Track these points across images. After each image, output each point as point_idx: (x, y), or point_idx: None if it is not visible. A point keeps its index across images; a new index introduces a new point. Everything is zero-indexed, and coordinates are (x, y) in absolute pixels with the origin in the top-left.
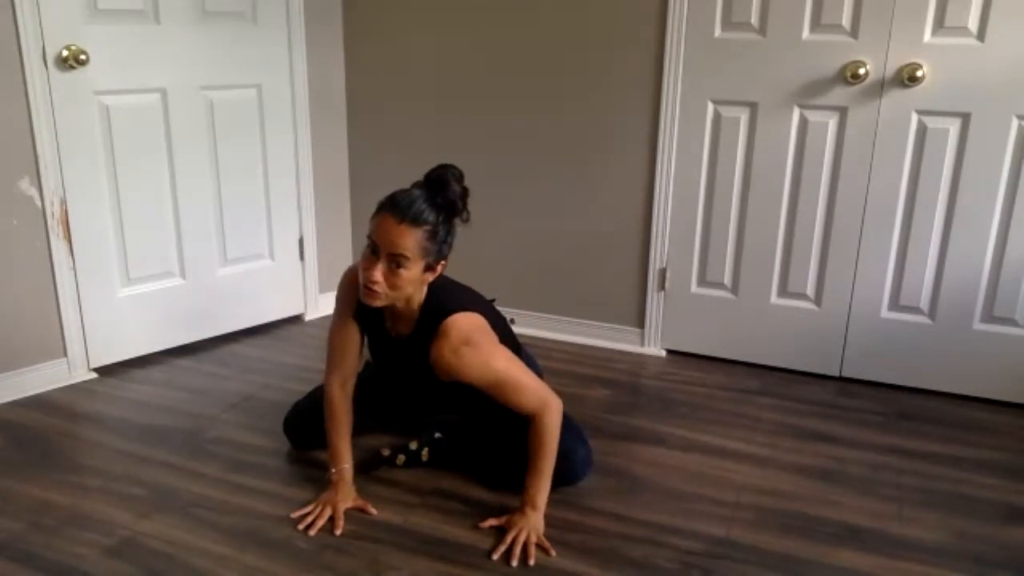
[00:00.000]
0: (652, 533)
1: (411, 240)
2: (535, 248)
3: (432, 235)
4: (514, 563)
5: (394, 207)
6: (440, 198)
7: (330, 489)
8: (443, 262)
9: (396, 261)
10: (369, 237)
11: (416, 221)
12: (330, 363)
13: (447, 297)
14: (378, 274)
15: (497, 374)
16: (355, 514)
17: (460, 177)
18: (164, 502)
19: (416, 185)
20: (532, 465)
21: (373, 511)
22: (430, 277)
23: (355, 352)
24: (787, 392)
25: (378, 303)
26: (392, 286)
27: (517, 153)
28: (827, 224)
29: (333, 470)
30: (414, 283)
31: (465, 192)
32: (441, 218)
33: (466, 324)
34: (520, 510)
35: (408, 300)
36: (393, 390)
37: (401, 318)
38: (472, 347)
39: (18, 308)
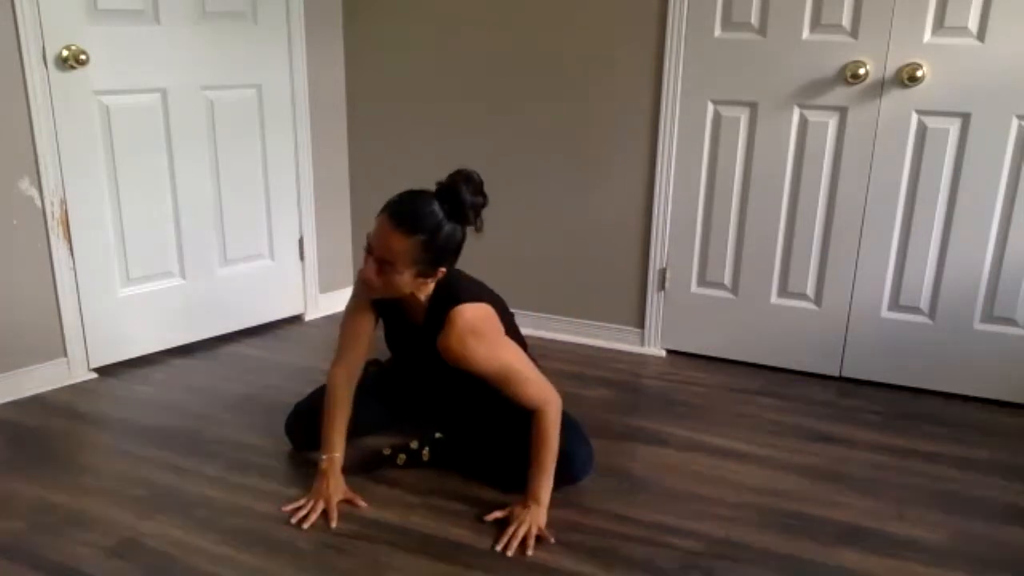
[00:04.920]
0: (652, 533)
1: (401, 248)
2: (535, 248)
3: (426, 246)
4: (509, 553)
5: (393, 212)
6: (448, 207)
7: (320, 479)
8: (441, 269)
9: (385, 265)
10: (368, 234)
11: (412, 230)
12: (339, 351)
13: (456, 288)
14: (370, 272)
15: (501, 365)
16: (355, 514)
17: (478, 186)
18: (164, 502)
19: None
20: (534, 459)
21: (363, 504)
22: (429, 282)
23: (365, 341)
24: (787, 392)
25: (375, 296)
26: (386, 284)
27: (517, 153)
28: (827, 224)
29: (324, 457)
30: (408, 285)
31: (480, 202)
32: (445, 229)
33: (473, 314)
34: (523, 503)
35: (413, 294)
36: (409, 380)
37: (412, 308)
38: (478, 337)
39: (18, 308)
